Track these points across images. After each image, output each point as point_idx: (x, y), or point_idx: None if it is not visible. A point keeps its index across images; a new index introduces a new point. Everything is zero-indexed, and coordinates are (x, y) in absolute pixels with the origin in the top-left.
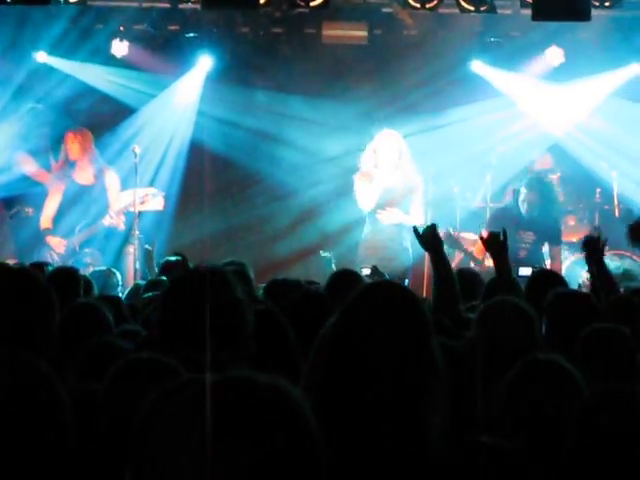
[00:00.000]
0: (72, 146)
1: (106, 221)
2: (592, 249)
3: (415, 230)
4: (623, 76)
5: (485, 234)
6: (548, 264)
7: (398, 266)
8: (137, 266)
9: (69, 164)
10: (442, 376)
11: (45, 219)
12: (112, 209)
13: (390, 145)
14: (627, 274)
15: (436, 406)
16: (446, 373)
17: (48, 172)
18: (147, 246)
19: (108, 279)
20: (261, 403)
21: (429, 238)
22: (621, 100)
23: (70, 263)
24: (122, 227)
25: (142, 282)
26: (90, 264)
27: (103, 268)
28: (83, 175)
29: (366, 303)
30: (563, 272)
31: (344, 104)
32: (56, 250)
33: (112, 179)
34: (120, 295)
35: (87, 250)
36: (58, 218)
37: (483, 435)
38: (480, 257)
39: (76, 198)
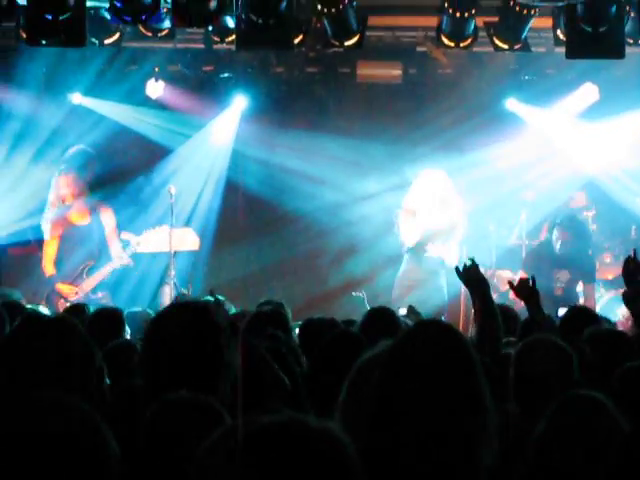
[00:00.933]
0: (66, 190)
1: (116, 262)
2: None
3: (457, 269)
4: None
5: (516, 281)
6: (582, 301)
7: (434, 305)
8: None
9: (65, 207)
10: (492, 414)
11: (48, 265)
12: (113, 248)
13: (432, 184)
14: None
15: (487, 445)
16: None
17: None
18: (183, 290)
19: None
20: (316, 449)
21: (472, 274)
22: None
23: None
24: (131, 263)
25: None
26: (105, 306)
27: (138, 309)
28: (78, 216)
29: (416, 343)
30: (598, 309)
31: (379, 143)
32: (69, 298)
33: (108, 217)
34: None
35: (100, 294)
36: (59, 262)
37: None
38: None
39: (75, 240)
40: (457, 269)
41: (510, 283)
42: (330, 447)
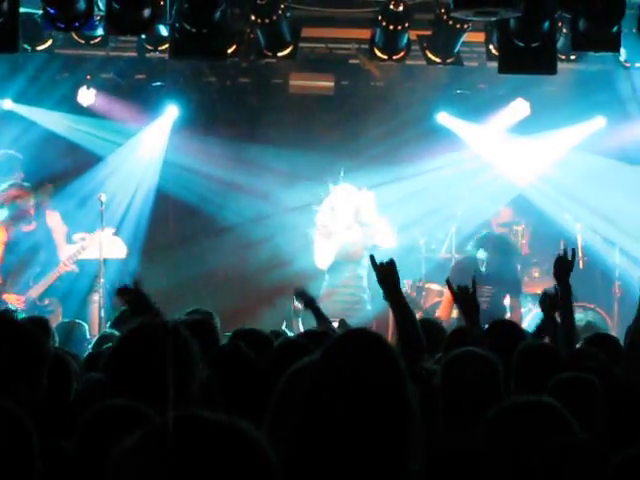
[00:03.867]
0: (8, 195)
1: (61, 269)
2: (550, 305)
3: (372, 258)
4: (587, 129)
5: (453, 288)
6: (508, 315)
7: (359, 320)
8: (102, 314)
9: (8, 212)
10: (418, 421)
11: None
12: (62, 253)
13: (347, 200)
14: (590, 326)
15: (413, 452)
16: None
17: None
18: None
19: (72, 332)
20: (223, 443)
21: (387, 271)
22: (585, 153)
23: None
24: (76, 270)
25: (110, 330)
26: (52, 312)
27: (67, 320)
28: (22, 221)
29: (343, 351)
30: (526, 324)
31: (311, 154)
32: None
33: (54, 220)
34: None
35: (47, 301)
36: (4, 269)
37: None
38: (443, 317)
39: (20, 246)
40: (372, 260)
41: (450, 287)
42: (241, 444)
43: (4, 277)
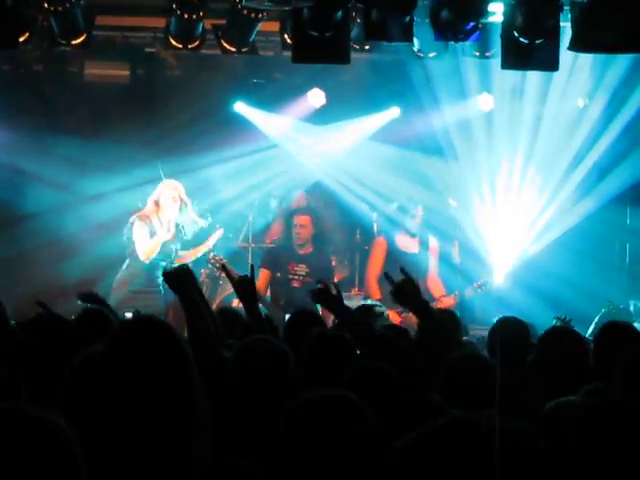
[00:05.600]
0: None
1: None
2: (323, 299)
3: (164, 271)
4: (383, 119)
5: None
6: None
7: (154, 310)
8: None
9: None
10: (204, 410)
11: None
12: None
13: (172, 197)
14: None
15: (200, 440)
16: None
17: None
18: None
19: None
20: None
21: (174, 278)
22: (380, 143)
23: None
24: None
25: None
26: None
27: None
28: None
29: (125, 339)
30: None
31: (108, 143)
32: None
33: None
34: None
35: None
36: None
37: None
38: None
39: None
40: (164, 271)
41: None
42: (42, 431)
43: None
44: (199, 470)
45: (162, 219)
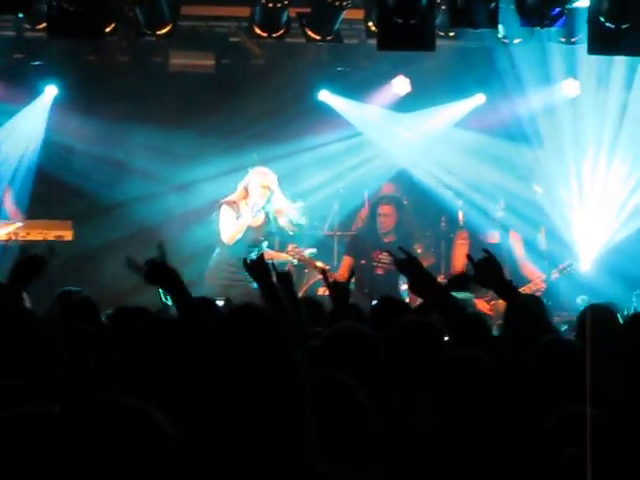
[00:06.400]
0: None
1: None
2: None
3: (244, 261)
4: (468, 106)
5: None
6: (404, 287)
7: (247, 294)
8: None
9: None
10: (309, 396)
11: None
12: None
13: (261, 185)
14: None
15: (307, 424)
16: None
17: None
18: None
19: None
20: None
21: (255, 268)
22: (465, 130)
23: None
24: None
25: None
26: None
27: None
28: None
29: (230, 329)
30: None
31: (192, 133)
32: None
33: None
34: None
35: None
36: None
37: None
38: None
39: None
40: (245, 263)
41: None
42: (145, 425)
43: None
44: (314, 459)
45: (250, 205)
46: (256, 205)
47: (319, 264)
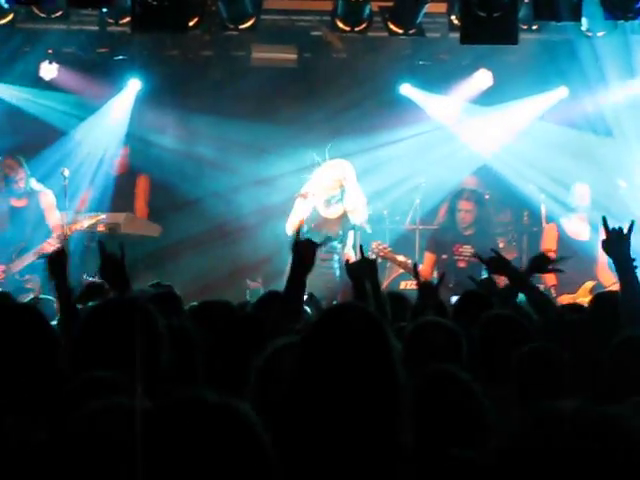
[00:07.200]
0: (9, 170)
1: (45, 248)
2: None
3: (347, 262)
4: (550, 99)
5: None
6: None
7: (330, 287)
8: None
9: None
10: (406, 394)
11: None
12: (55, 232)
13: (334, 178)
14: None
15: (404, 423)
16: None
17: None
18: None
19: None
20: (213, 423)
21: (354, 267)
22: (548, 123)
23: (9, 291)
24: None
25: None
26: (31, 290)
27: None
28: (17, 197)
29: (331, 327)
30: None
31: (274, 126)
32: None
33: (47, 200)
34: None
35: (27, 277)
36: None
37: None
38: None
39: (8, 220)
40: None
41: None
42: (234, 422)
43: None
44: (408, 456)
45: (322, 197)
46: (329, 199)
47: (401, 258)
